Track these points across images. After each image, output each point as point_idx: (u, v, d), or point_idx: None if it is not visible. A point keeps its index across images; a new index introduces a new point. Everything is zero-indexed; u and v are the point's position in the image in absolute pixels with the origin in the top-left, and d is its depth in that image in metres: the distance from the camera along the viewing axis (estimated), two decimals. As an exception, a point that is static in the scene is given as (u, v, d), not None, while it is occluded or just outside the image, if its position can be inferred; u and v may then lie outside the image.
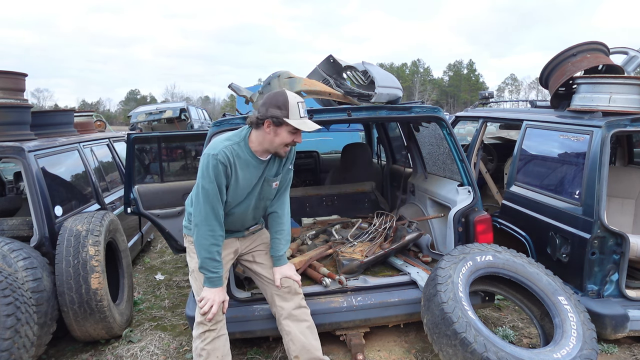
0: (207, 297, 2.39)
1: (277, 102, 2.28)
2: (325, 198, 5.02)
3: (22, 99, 3.74)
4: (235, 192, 2.40)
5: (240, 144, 2.37)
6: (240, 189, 2.41)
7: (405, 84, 68.11)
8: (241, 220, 2.57)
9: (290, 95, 2.31)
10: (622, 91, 3.41)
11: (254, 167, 2.41)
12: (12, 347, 2.54)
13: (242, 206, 2.49)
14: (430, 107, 3.32)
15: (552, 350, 2.47)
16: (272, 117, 2.27)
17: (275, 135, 2.32)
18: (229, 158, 2.31)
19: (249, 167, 2.40)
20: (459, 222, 3.19)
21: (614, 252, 3.08)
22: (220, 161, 2.28)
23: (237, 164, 2.34)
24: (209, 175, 2.29)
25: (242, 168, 2.37)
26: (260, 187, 2.49)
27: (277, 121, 2.27)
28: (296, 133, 2.34)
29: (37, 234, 3.17)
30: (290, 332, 2.64)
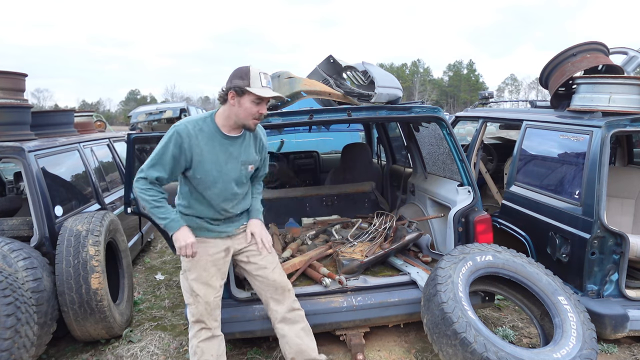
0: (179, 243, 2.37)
1: (239, 73, 2.32)
2: (325, 198, 5.02)
3: (22, 99, 3.74)
4: (203, 167, 2.39)
5: (207, 120, 2.41)
6: (208, 164, 2.39)
7: (405, 84, 68.11)
8: (222, 203, 2.49)
9: (253, 66, 2.33)
10: (622, 91, 3.42)
11: (219, 143, 2.40)
12: (12, 347, 2.54)
13: (218, 187, 2.44)
14: (430, 107, 3.32)
15: (552, 350, 2.47)
16: (234, 87, 2.29)
17: (239, 106, 2.32)
18: (189, 131, 2.34)
19: (214, 142, 2.39)
20: (459, 222, 3.19)
21: (613, 252, 3.08)
22: (178, 132, 2.33)
23: (200, 137, 2.36)
24: (161, 142, 2.36)
25: (205, 142, 2.37)
26: (236, 170, 2.47)
27: (240, 90, 2.29)
28: (260, 103, 2.33)
29: (37, 234, 3.17)
30: (285, 335, 2.65)
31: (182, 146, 2.33)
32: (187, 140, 2.33)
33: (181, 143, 2.32)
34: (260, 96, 2.29)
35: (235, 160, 2.46)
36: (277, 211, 4.88)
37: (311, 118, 3.12)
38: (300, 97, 3.34)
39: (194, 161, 2.37)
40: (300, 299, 3.02)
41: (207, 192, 2.44)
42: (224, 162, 2.43)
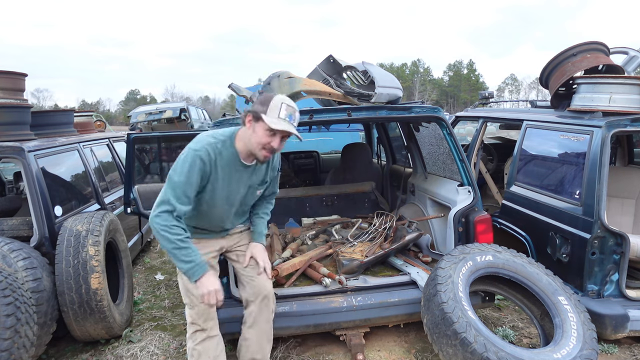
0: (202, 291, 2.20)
1: (263, 98, 2.21)
2: (325, 198, 5.02)
3: (22, 99, 3.74)
4: (213, 192, 2.30)
5: (226, 143, 2.29)
6: (220, 190, 2.31)
7: (405, 84, 68.10)
8: (220, 222, 2.47)
9: (279, 96, 2.22)
10: (622, 91, 3.41)
11: (235, 170, 2.32)
12: (12, 347, 2.54)
13: (223, 209, 2.40)
14: (430, 107, 3.32)
15: (552, 350, 2.46)
16: (253, 111, 2.20)
17: (253, 132, 2.21)
18: (210, 156, 2.22)
19: (230, 168, 2.30)
20: (459, 222, 3.19)
21: (614, 252, 3.08)
22: (201, 158, 2.20)
23: (218, 162, 2.26)
24: (183, 168, 2.19)
25: (222, 167, 2.28)
26: (243, 195, 2.43)
27: (256, 115, 2.18)
28: (274, 135, 2.19)
29: (37, 234, 3.17)
30: (248, 339, 2.64)
31: (204, 172, 2.23)
32: (208, 165, 2.23)
33: (203, 169, 2.22)
34: (271, 128, 2.16)
35: (245, 186, 2.41)
36: (277, 211, 4.86)
37: (311, 118, 3.12)
38: (300, 97, 3.34)
39: (208, 185, 2.28)
40: (300, 299, 3.03)
41: (209, 211, 2.37)
42: (235, 188, 2.37)
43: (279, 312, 2.94)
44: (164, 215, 2.15)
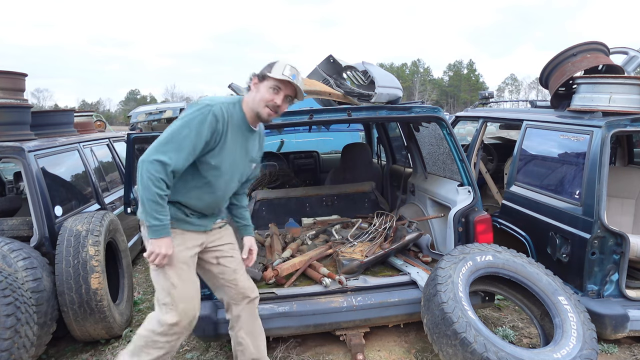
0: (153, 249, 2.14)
1: (269, 63, 2.30)
2: (325, 198, 5.02)
3: (22, 99, 3.74)
4: (221, 155, 2.26)
5: (236, 106, 2.30)
6: (227, 153, 2.27)
7: (405, 84, 68.10)
8: (217, 199, 2.39)
9: (284, 59, 2.29)
10: (622, 91, 3.41)
11: (242, 134, 2.33)
12: (12, 347, 2.54)
13: (226, 178, 2.33)
14: (430, 107, 3.32)
15: (552, 350, 2.46)
16: (258, 74, 2.29)
17: (257, 91, 2.28)
18: (224, 114, 2.20)
19: (238, 132, 2.30)
20: (459, 222, 3.19)
21: (614, 252, 3.08)
22: (214, 113, 2.16)
23: (230, 123, 2.25)
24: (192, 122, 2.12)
25: (233, 129, 2.27)
26: (243, 165, 2.41)
27: (261, 76, 2.27)
28: (278, 92, 2.26)
29: (37, 234, 3.17)
30: (242, 344, 2.58)
31: (216, 129, 2.18)
32: (221, 122, 2.19)
33: (216, 125, 2.17)
34: (276, 79, 2.22)
35: (246, 156, 2.40)
36: (277, 211, 4.88)
37: (311, 118, 3.12)
38: (300, 97, 3.33)
39: (218, 146, 2.23)
40: (300, 299, 3.03)
41: (214, 181, 2.29)
42: (240, 155, 2.35)
43: (279, 312, 2.94)
44: (157, 165, 2.07)
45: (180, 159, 2.11)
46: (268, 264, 3.41)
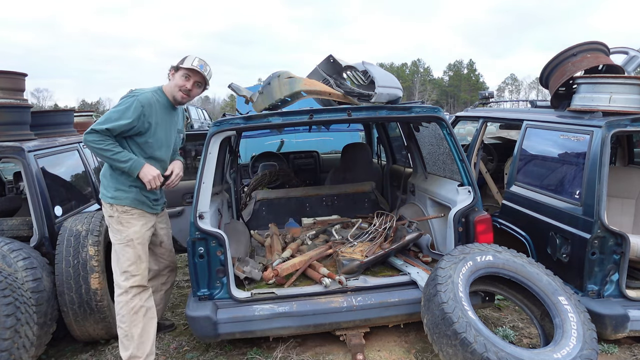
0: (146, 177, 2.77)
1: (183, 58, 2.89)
2: (325, 198, 5.02)
3: (22, 99, 3.74)
4: (156, 133, 2.83)
5: (158, 92, 2.88)
6: (160, 131, 2.85)
7: (405, 84, 68.11)
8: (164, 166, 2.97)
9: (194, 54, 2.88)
10: (622, 91, 3.41)
11: (168, 112, 2.92)
12: (12, 347, 2.54)
13: (163, 150, 2.92)
14: (430, 107, 3.31)
15: (553, 351, 2.46)
16: (174, 66, 2.90)
17: (172, 79, 2.89)
18: (150, 101, 2.77)
19: (165, 111, 2.88)
20: (459, 222, 3.19)
21: (614, 252, 3.08)
22: (140, 102, 2.72)
23: (156, 107, 2.81)
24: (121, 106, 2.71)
25: (160, 111, 2.84)
26: (173, 136, 3.00)
27: (175, 67, 2.88)
28: (188, 79, 2.86)
29: (37, 234, 3.17)
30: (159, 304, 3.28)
31: (142, 114, 2.72)
32: (148, 109, 2.76)
33: (142, 111, 2.73)
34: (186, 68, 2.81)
35: (174, 128, 3.01)
36: (277, 211, 4.89)
37: (311, 118, 3.12)
38: (300, 97, 3.33)
39: (151, 128, 2.80)
40: (300, 299, 3.03)
41: (154, 154, 2.87)
42: (169, 129, 2.95)
43: (279, 312, 2.94)
44: (93, 134, 2.66)
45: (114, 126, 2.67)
46: (268, 264, 3.41)
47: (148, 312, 2.88)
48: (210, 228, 2.97)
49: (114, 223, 2.84)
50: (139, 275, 2.84)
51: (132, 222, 2.84)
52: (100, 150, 2.67)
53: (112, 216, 2.84)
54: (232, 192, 4.54)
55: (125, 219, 2.83)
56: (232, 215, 4.50)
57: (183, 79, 2.86)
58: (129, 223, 2.83)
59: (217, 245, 2.97)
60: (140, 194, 2.86)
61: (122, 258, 2.82)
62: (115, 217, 2.83)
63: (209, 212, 3.02)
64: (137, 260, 2.83)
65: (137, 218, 2.87)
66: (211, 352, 3.26)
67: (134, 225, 2.84)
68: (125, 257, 2.81)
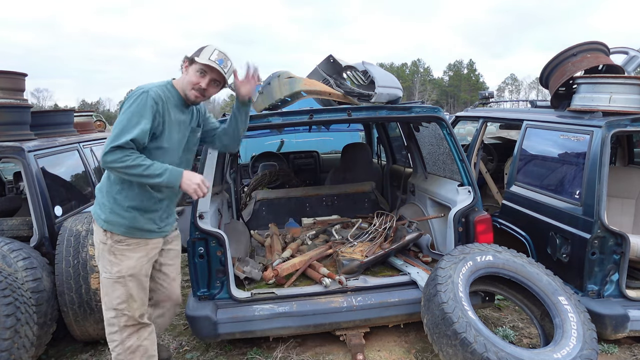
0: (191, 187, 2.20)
1: (199, 48, 2.36)
2: (325, 198, 5.02)
3: (21, 99, 3.74)
4: (170, 135, 2.33)
5: (168, 87, 2.37)
6: (174, 132, 2.35)
7: (405, 84, 68.11)
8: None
9: (214, 45, 2.35)
10: (622, 91, 3.41)
11: (181, 111, 2.39)
12: (12, 347, 2.54)
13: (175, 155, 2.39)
14: (430, 107, 3.32)
15: (553, 351, 2.46)
16: (188, 57, 2.36)
17: (186, 74, 2.36)
18: (161, 97, 2.26)
19: (177, 110, 2.37)
20: (459, 222, 3.19)
21: (614, 252, 3.08)
22: (152, 97, 2.20)
23: (168, 103, 2.30)
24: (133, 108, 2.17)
25: (172, 109, 2.33)
26: (187, 136, 2.47)
27: (190, 60, 2.35)
28: (204, 76, 2.33)
29: (37, 234, 3.17)
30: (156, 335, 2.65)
31: (157, 111, 2.23)
32: (161, 107, 2.25)
33: (156, 109, 2.22)
34: (202, 63, 2.29)
35: (187, 128, 2.47)
36: (277, 211, 4.88)
37: (311, 118, 3.12)
38: (300, 97, 3.33)
39: (165, 129, 2.29)
40: (300, 299, 3.03)
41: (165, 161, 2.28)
42: (183, 130, 2.43)
43: (279, 312, 2.94)
44: (116, 152, 2.11)
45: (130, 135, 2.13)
46: (268, 264, 3.41)
47: (148, 351, 2.46)
48: (210, 228, 2.97)
49: (105, 251, 2.34)
50: (131, 314, 2.38)
51: (127, 255, 2.33)
52: (127, 169, 2.11)
53: (105, 243, 2.33)
54: (232, 192, 4.54)
55: (119, 250, 2.32)
56: (232, 215, 4.50)
57: (198, 75, 2.33)
58: (122, 255, 2.32)
59: (217, 245, 2.97)
60: (141, 219, 2.34)
61: (111, 294, 2.36)
62: (107, 246, 2.33)
63: (209, 212, 3.02)
64: (129, 299, 2.35)
65: (134, 249, 2.35)
66: (211, 352, 3.26)
67: (129, 258, 2.33)
68: (114, 294, 2.35)
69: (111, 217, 2.31)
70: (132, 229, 2.33)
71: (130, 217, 2.31)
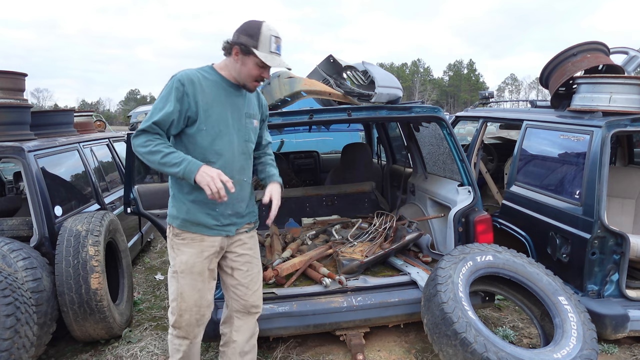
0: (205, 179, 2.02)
1: (249, 29, 2.11)
2: (325, 198, 5.02)
3: (22, 99, 3.74)
4: (209, 118, 2.15)
5: (206, 69, 2.22)
6: (215, 114, 2.16)
7: (405, 84, 68.13)
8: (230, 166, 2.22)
9: (266, 25, 2.12)
10: (622, 91, 3.41)
11: (227, 93, 2.21)
12: (12, 347, 2.53)
13: (225, 140, 2.20)
14: (430, 107, 3.32)
15: (552, 351, 2.46)
16: (240, 45, 2.11)
17: (242, 64, 2.15)
18: (192, 79, 2.12)
19: (221, 91, 2.19)
20: (459, 222, 3.19)
21: (614, 252, 3.08)
22: (179, 80, 2.09)
23: (204, 84, 2.14)
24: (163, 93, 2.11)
25: (211, 89, 2.16)
26: (241, 121, 2.27)
27: (245, 49, 2.11)
28: (264, 67, 2.15)
29: (37, 234, 3.17)
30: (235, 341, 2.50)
31: (184, 93, 2.10)
32: (190, 88, 2.10)
33: (183, 89, 2.09)
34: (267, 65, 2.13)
35: (239, 112, 2.26)
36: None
37: (311, 118, 3.12)
38: (300, 97, 3.34)
39: (200, 111, 2.13)
40: (300, 299, 3.03)
41: (214, 146, 2.16)
42: (230, 112, 2.22)
43: (279, 312, 2.94)
44: (141, 136, 2.07)
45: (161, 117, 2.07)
46: (268, 264, 3.41)
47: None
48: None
49: (169, 246, 2.32)
50: (177, 316, 2.31)
51: (182, 250, 2.24)
52: (148, 155, 2.04)
53: (168, 236, 2.31)
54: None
55: (176, 245, 2.26)
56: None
57: (258, 68, 2.15)
58: (179, 250, 2.25)
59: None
60: (198, 212, 2.21)
61: (169, 289, 2.35)
62: (169, 239, 2.29)
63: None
64: (179, 297, 2.28)
65: (189, 244, 2.24)
66: (211, 352, 3.26)
67: (183, 253, 2.24)
68: (170, 289, 2.33)
69: (172, 210, 2.26)
70: (188, 223, 2.22)
71: (186, 209, 2.22)
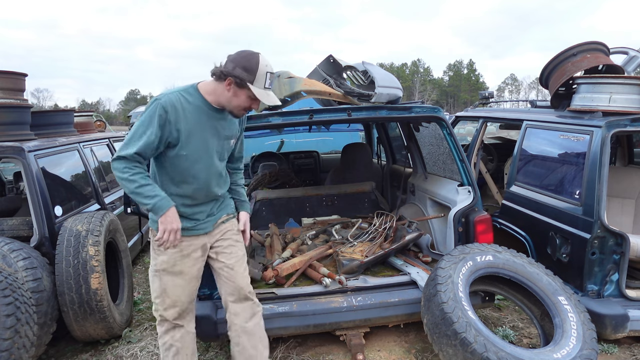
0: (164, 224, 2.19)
1: (247, 64, 2.19)
2: (325, 198, 5.02)
3: (22, 99, 3.74)
4: (190, 143, 2.24)
5: (190, 92, 2.27)
6: (195, 139, 2.25)
7: (405, 84, 68.13)
8: (206, 183, 2.36)
9: (262, 61, 2.21)
10: (622, 91, 3.41)
11: (207, 116, 2.28)
12: (12, 347, 2.54)
13: (204, 164, 2.31)
14: (430, 107, 3.32)
15: (552, 350, 2.46)
16: (236, 77, 2.18)
17: (234, 95, 2.24)
18: (174, 104, 2.18)
19: (201, 115, 2.26)
20: (459, 222, 3.19)
21: (614, 252, 3.08)
22: (162, 106, 2.16)
23: (187, 109, 2.22)
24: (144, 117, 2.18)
25: (192, 115, 2.23)
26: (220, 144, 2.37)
27: (240, 83, 2.19)
28: (255, 100, 2.26)
29: (37, 234, 3.17)
30: (239, 344, 2.55)
31: (166, 121, 2.17)
32: (173, 115, 2.18)
33: (166, 117, 2.16)
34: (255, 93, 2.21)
35: (219, 135, 2.35)
36: (277, 211, 4.88)
37: (311, 118, 3.12)
38: (300, 97, 3.33)
39: (182, 137, 2.22)
40: (300, 299, 3.03)
41: (191, 170, 2.29)
42: (210, 136, 2.31)
43: (279, 312, 2.94)
44: (120, 161, 2.15)
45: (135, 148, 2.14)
46: (268, 264, 3.41)
47: (179, 354, 2.45)
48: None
49: (151, 247, 2.43)
50: (163, 310, 2.41)
51: (162, 250, 2.36)
52: (124, 181, 2.15)
53: (151, 239, 2.40)
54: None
55: (156, 245, 2.36)
56: (232, 215, 4.49)
57: (250, 100, 2.26)
58: (159, 250, 2.36)
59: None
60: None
61: (151, 288, 2.44)
62: (151, 242, 2.40)
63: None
64: (162, 294, 2.38)
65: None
66: (211, 352, 3.26)
67: (164, 253, 2.36)
68: (153, 287, 2.43)
69: (153, 215, 2.33)
70: None
71: None
